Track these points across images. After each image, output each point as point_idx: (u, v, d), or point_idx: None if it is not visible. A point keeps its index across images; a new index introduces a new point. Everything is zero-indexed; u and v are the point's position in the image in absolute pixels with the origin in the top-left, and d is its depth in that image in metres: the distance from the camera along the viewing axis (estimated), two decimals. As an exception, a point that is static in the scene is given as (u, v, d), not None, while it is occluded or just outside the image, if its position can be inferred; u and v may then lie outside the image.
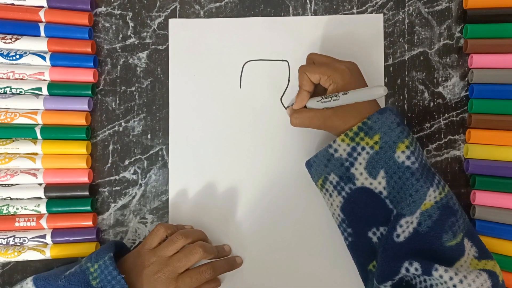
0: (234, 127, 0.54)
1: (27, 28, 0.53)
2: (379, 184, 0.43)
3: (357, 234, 0.45)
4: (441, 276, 0.39)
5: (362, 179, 0.44)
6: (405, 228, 0.42)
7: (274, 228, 0.53)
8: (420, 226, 0.42)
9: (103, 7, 0.55)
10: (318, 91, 0.49)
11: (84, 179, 0.53)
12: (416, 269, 0.40)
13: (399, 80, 0.54)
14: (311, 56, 0.50)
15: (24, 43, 0.53)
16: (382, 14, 0.54)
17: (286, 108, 0.52)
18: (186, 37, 0.54)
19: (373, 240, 0.45)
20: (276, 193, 0.53)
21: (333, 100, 0.45)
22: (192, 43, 0.54)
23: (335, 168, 0.45)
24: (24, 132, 0.52)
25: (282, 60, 0.54)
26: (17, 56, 0.53)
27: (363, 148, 0.43)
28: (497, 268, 0.42)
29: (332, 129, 0.47)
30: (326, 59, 0.49)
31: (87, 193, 0.52)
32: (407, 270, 0.41)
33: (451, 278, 0.39)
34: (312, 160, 0.47)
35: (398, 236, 0.42)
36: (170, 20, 0.55)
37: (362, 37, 0.54)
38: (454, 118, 0.54)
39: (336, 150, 0.45)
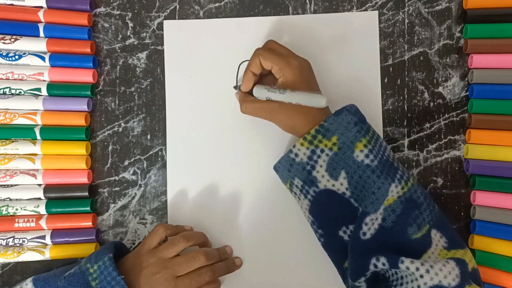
0: (231, 127, 0.54)
1: (26, 28, 0.53)
2: (341, 185, 0.44)
3: (328, 234, 0.46)
4: (407, 268, 0.40)
5: (324, 181, 0.45)
6: (371, 225, 0.43)
7: (273, 227, 0.53)
8: (384, 222, 0.43)
9: (102, 7, 0.55)
10: (267, 81, 0.50)
11: (84, 179, 0.52)
12: (384, 264, 0.41)
13: (399, 80, 0.54)
14: (270, 42, 0.50)
15: (23, 44, 0.53)
16: (376, 11, 0.54)
17: (236, 91, 0.52)
18: (181, 38, 0.54)
19: (345, 239, 0.45)
20: (275, 193, 0.53)
21: (279, 93, 0.45)
22: (187, 44, 0.54)
23: (298, 173, 0.45)
24: (23, 132, 0.52)
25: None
26: (17, 57, 0.53)
27: (322, 151, 0.44)
28: (467, 256, 0.42)
29: (279, 123, 0.48)
30: (284, 50, 0.49)
31: (86, 193, 0.52)
32: (375, 266, 0.42)
33: (417, 269, 0.40)
34: (277, 165, 0.48)
35: (364, 234, 0.43)
36: (165, 22, 0.54)
37: (358, 34, 0.54)
38: (454, 118, 0.54)
39: (296, 155, 0.45)
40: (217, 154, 0.54)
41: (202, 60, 0.54)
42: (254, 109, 0.48)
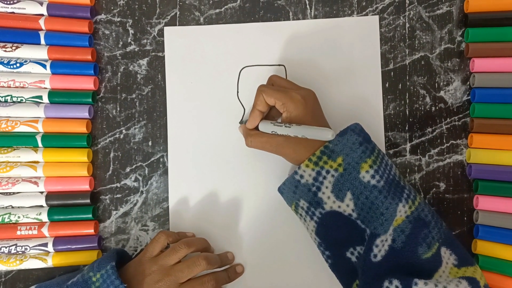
0: (232, 133, 0.54)
1: (27, 36, 0.53)
2: (347, 206, 0.44)
3: (336, 255, 0.46)
4: None
5: (330, 203, 0.44)
6: (381, 247, 0.43)
7: (275, 234, 0.53)
8: (394, 243, 0.42)
9: (103, 14, 0.55)
10: (273, 114, 0.50)
11: (86, 187, 0.52)
12: (397, 286, 0.40)
13: (400, 85, 0.54)
14: (272, 78, 0.50)
15: (24, 52, 0.53)
16: (377, 16, 0.54)
17: (239, 125, 0.53)
18: (182, 44, 0.54)
19: (352, 260, 0.45)
20: (277, 199, 0.53)
21: (285, 127, 0.45)
22: (188, 50, 0.54)
23: (303, 194, 0.45)
24: (25, 140, 0.52)
25: (279, 65, 0.54)
26: (18, 65, 0.53)
27: (327, 172, 0.44)
28: (477, 273, 0.42)
29: (285, 156, 0.48)
30: (286, 84, 0.49)
31: (88, 201, 0.52)
32: None
33: None
34: (281, 187, 0.47)
35: (375, 256, 0.43)
36: (166, 28, 0.54)
37: (359, 39, 0.54)
38: (456, 123, 0.53)
39: (302, 176, 0.45)
40: (219, 160, 0.54)
41: (203, 66, 0.54)
42: (259, 143, 0.48)
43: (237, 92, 0.54)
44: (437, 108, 0.53)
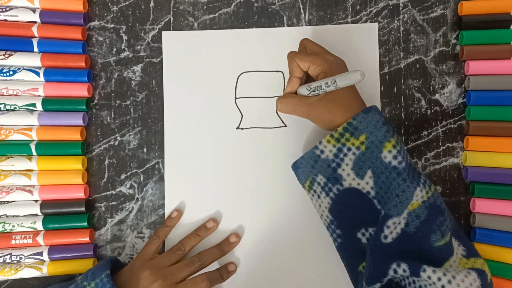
0: (230, 138, 0.53)
1: (20, 43, 0.53)
2: (366, 184, 0.43)
3: (346, 235, 0.45)
4: (429, 277, 0.39)
5: (349, 180, 0.43)
6: (393, 229, 0.42)
7: (273, 241, 0.53)
8: (407, 227, 0.42)
9: (96, 21, 0.55)
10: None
11: (80, 194, 0.52)
12: (404, 271, 0.40)
13: (395, 88, 0.54)
14: (304, 41, 0.49)
15: (17, 59, 0.53)
16: (376, 23, 0.54)
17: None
18: (180, 49, 0.54)
19: (362, 241, 0.44)
20: (275, 204, 0.53)
21: (320, 91, 0.44)
22: (186, 55, 0.54)
23: (322, 169, 0.44)
24: (19, 148, 0.52)
25: (277, 71, 0.53)
26: (11, 72, 0.52)
27: (349, 149, 0.43)
28: (485, 266, 0.42)
29: (317, 119, 0.46)
30: (318, 48, 0.48)
31: (83, 209, 0.52)
32: (395, 271, 0.40)
33: (439, 279, 0.39)
34: (299, 161, 0.47)
35: (385, 237, 0.42)
36: (164, 33, 0.54)
37: (357, 46, 0.53)
38: (452, 126, 0.53)
39: (322, 151, 0.44)
40: (215, 166, 0.53)
41: (200, 71, 0.54)
42: (290, 104, 0.47)
43: (235, 97, 0.54)
44: (432, 111, 0.53)
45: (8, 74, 0.52)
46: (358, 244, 0.44)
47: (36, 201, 0.52)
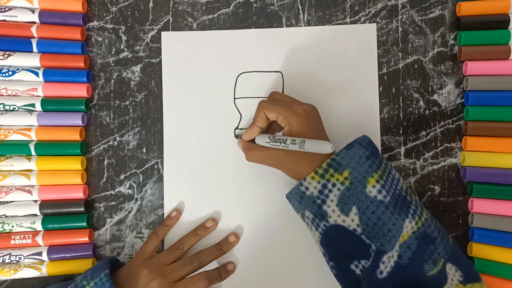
0: (228, 138, 0.54)
1: (20, 44, 0.53)
2: (352, 221, 0.43)
3: (339, 267, 0.45)
4: None
5: (334, 217, 0.43)
6: (387, 263, 0.42)
7: (273, 239, 0.53)
8: (400, 259, 0.42)
9: (95, 21, 0.55)
10: (274, 127, 0.50)
11: (80, 195, 0.52)
12: None
13: (394, 89, 0.54)
14: (273, 94, 0.50)
15: (16, 59, 0.53)
16: (375, 24, 0.54)
17: (237, 139, 0.53)
18: (179, 49, 0.54)
19: (356, 272, 0.44)
20: (274, 205, 0.53)
21: (282, 145, 0.45)
22: (185, 55, 0.54)
23: (308, 206, 0.45)
24: (18, 149, 0.52)
25: (276, 72, 0.54)
26: (10, 73, 0.52)
27: (333, 185, 0.43)
28: None
29: (285, 170, 0.47)
30: (287, 99, 0.49)
31: (82, 209, 0.52)
32: None
33: None
34: (288, 195, 0.47)
35: (381, 272, 0.42)
36: (163, 33, 0.54)
37: (356, 47, 0.54)
38: (450, 126, 0.53)
39: (307, 188, 0.44)
40: (215, 166, 0.53)
41: (199, 71, 0.54)
42: (260, 156, 0.48)
43: (234, 98, 0.54)
44: (431, 111, 0.54)
45: (7, 74, 0.52)
46: (352, 275, 0.45)
47: (35, 201, 0.52)
